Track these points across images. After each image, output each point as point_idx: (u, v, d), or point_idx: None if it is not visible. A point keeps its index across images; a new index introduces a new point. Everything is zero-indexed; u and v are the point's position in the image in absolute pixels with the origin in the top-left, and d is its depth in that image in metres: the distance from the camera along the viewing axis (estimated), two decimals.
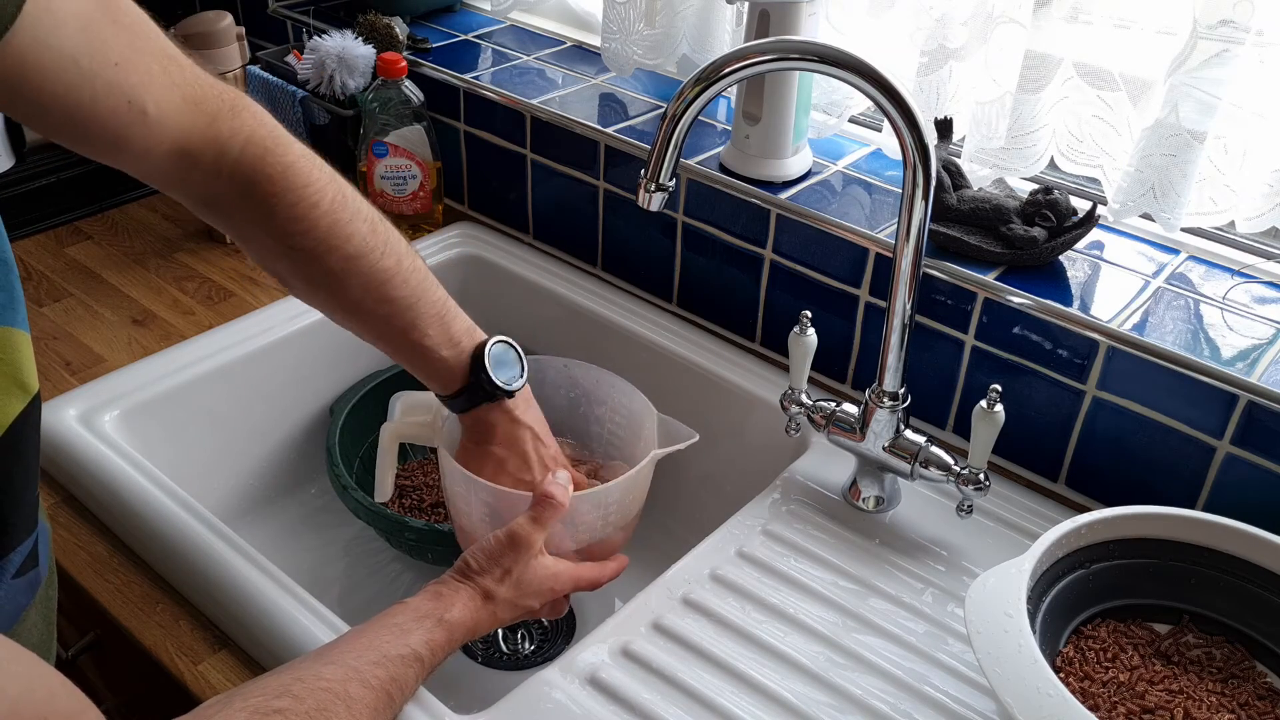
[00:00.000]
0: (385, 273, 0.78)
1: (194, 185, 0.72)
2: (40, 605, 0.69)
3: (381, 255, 0.78)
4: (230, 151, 0.71)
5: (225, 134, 0.71)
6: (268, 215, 0.74)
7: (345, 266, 0.76)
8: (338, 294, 0.78)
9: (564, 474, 0.80)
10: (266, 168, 0.73)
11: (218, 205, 0.74)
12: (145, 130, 0.66)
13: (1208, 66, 0.85)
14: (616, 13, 1.17)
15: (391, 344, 0.82)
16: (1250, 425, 0.83)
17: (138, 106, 0.65)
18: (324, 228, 0.75)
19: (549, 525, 0.77)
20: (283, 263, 0.78)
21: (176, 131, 0.68)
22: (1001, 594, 0.72)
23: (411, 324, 0.80)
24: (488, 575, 0.76)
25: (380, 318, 0.80)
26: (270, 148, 0.73)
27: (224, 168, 0.71)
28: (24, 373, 0.60)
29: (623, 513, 0.85)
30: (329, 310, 0.82)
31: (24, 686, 0.47)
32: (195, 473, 1.03)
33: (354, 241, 0.76)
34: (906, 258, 0.82)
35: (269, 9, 1.44)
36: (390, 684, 0.68)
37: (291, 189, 0.74)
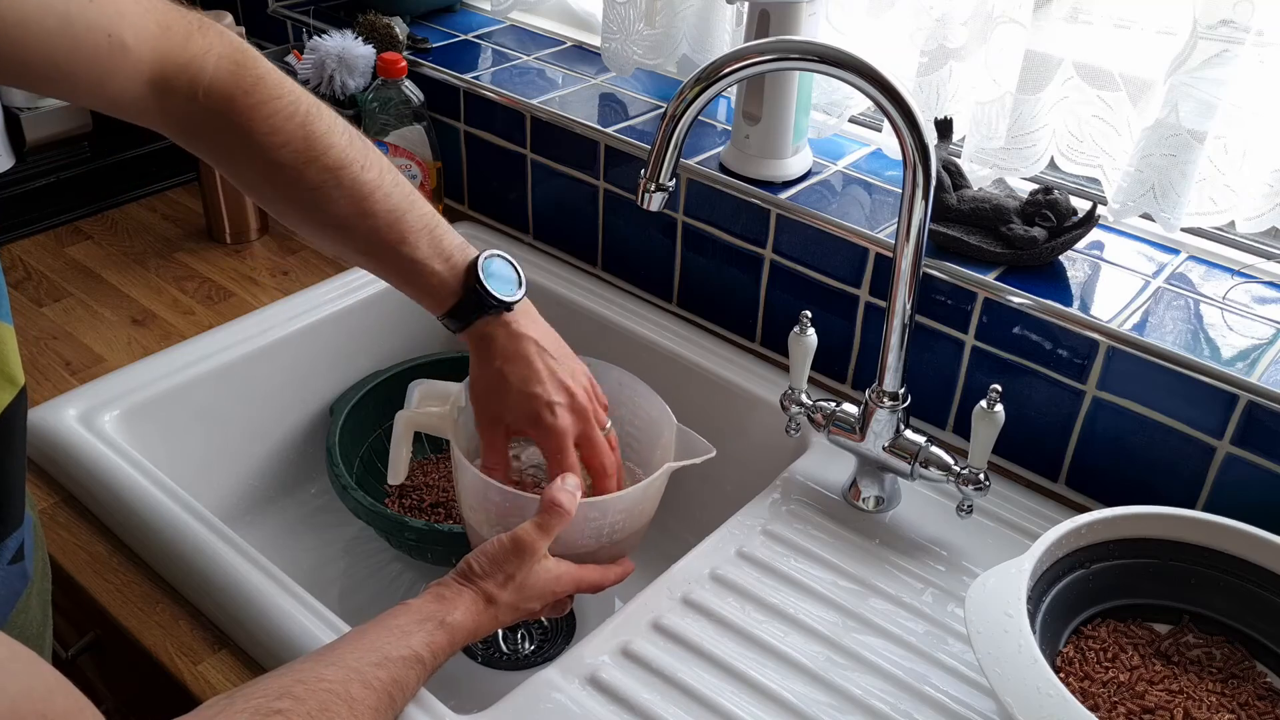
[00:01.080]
0: (368, 185, 0.78)
1: (173, 113, 0.72)
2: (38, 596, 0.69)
3: (363, 168, 0.78)
4: (204, 70, 0.71)
5: (198, 53, 0.71)
6: (246, 130, 0.73)
7: (327, 178, 0.76)
8: (323, 209, 0.77)
9: (573, 480, 0.79)
10: (240, 81, 0.73)
11: (198, 130, 0.74)
12: (126, 63, 0.67)
13: (1208, 66, 0.85)
14: (616, 13, 1.17)
15: (382, 261, 0.81)
16: (1250, 425, 0.83)
17: (117, 40, 0.66)
18: (301, 138, 0.75)
19: (554, 532, 0.77)
20: (266, 185, 0.77)
21: (153, 58, 0.68)
22: (1001, 594, 0.72)
23: (400, 238, 0.79)
24: (490, 580, 0.75)
25: (367, 232, 0.79)
26: (240, 61, 0.73)
27: (199, 88, 0.71)
28: (10, 365, 0.60)
29: (632, 521, 0.84)
30: (317, 229, 0.80)
31: (23, 685, 0.47)
32: (195, 473, 1.03)
33: (333, 152, 0.76)
34: (906, 258, 0.82)
35: (269, 9, 1.44)
36: (392, 685, 0.67)
37: (266, 100, 0.74)
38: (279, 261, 1.25)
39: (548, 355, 0.83)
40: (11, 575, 0.64)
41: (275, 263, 1.24)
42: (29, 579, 0.67)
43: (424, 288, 0.82)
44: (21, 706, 0.46)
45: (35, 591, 0.68)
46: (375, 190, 0.78)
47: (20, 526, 0.65)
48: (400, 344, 1.20)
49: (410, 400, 0.91)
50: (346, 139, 0.77)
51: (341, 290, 1.17)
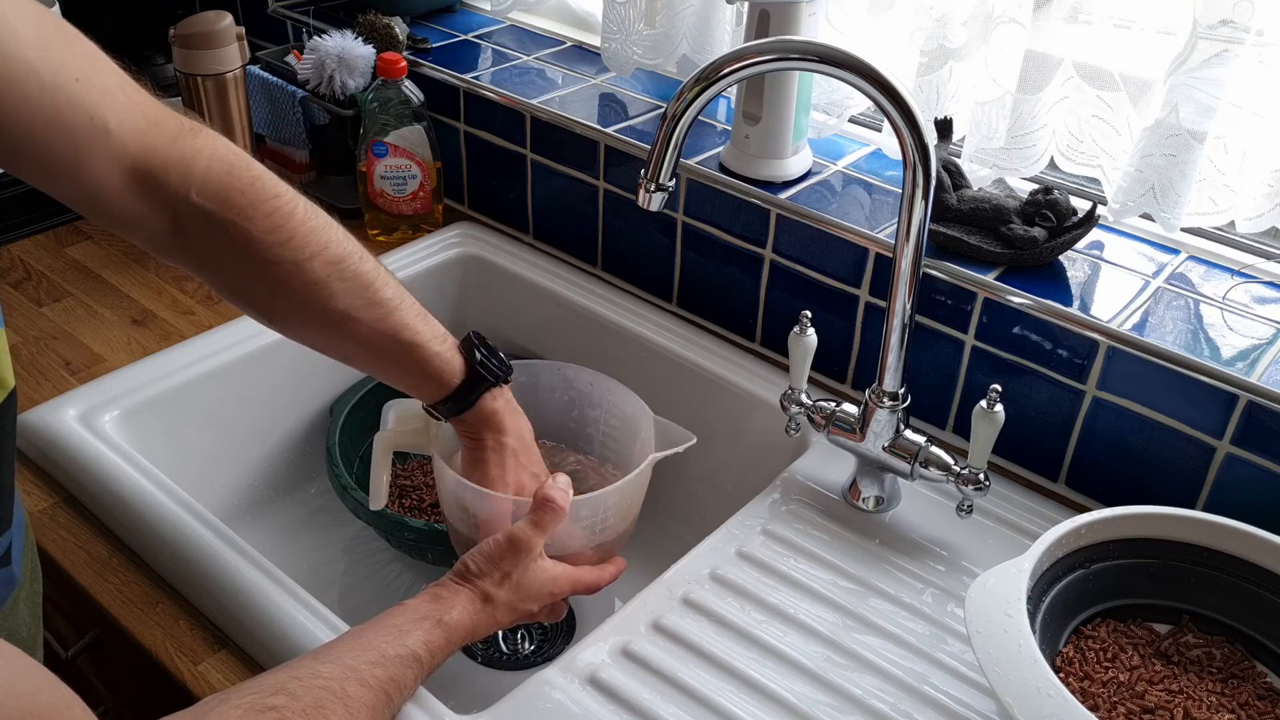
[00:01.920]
0: (369, 275, 0.77)
1: (160, 212, 0.70)
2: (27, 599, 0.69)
3: (361, 259, 0.77)
4: (196, 169, 0.69)
5: (188, 152, 0.69)
6: (244, 231, 0.71)
7: (330, 272, 0.75)
8: (325, 303, 0.76)
9: (564, 478, 0.80)
10: (235, 181, 0.71)
11: (187, 232, 0.71)
12: (107, 146, 0.65)
13: (1208, 66, 0.85)
14: (616, 13, 1.17)
15: (383, 351, 0.80)
16: (1250, 425, 0.83)
17: (100, 123, 0.64)
18: (303, 234, 0.73)
19: (549, 530, 0.77)
20: (261, 284, 0.75)
21: (139, 150, 0.66)
22: (1001, 594, 0.72)
23: (403, 324, 0.79)
24: (487, 578, 0.76)
25: (371, 322, 0.78)
26: (234, 162, 0.72)
27: (192, 186, 0.69)
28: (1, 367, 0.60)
29: (621, 516, 0.85)
30: (316, 325, 0.78)
31: (7, 680, 0.46)
32: (195, 473, 1.03)
33: (333, 247, 0.75)
34: (906, 258, 0.82)
35: (269, 9, 1.44)
36: (389, 684, 0.67)
37: (265, 199, 0.72)
38: None
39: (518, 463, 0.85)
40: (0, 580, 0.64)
41: None
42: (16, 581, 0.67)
43: (426, 372, 0.81)
44: (6, 702, 0.46)
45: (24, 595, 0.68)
46: (376, 279, 0.77)
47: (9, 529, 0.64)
48: None
49: (386, 422, 0.91)
50: (342, 233, 0.77)
51: None
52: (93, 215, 0.69)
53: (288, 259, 0.73)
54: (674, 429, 0.87)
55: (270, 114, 1.34)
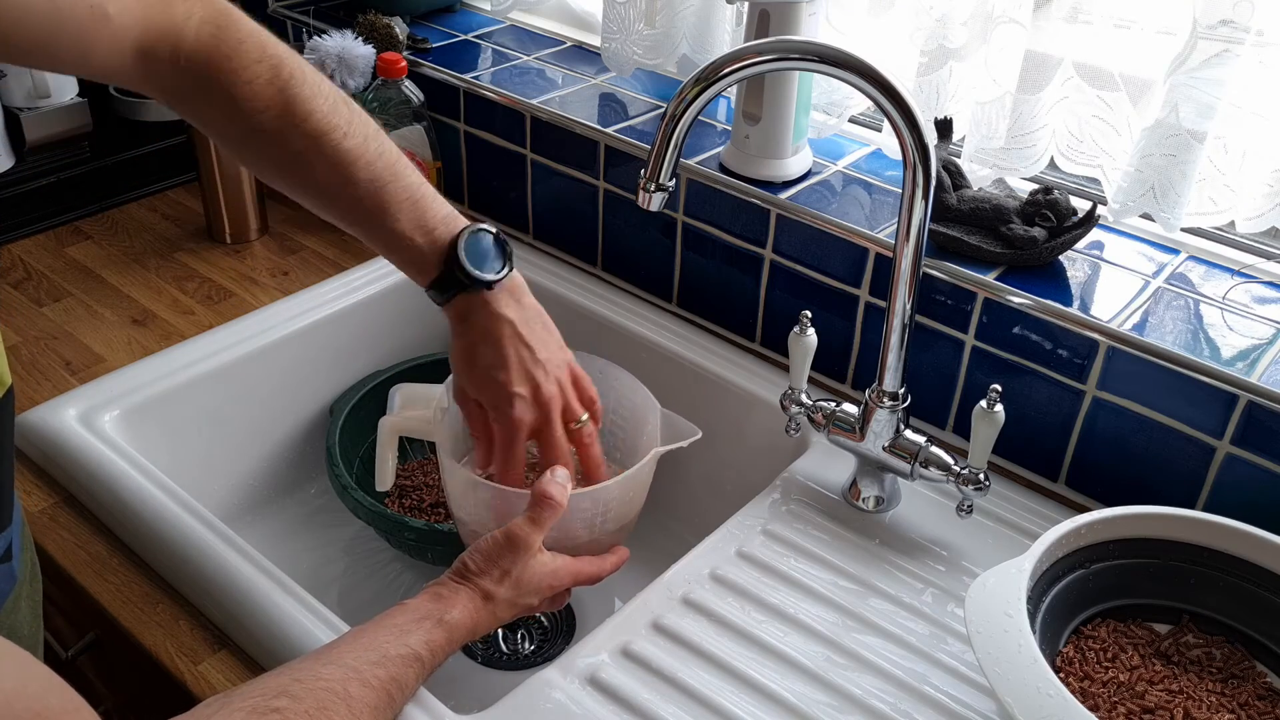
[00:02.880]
0: (349, 153, 0.77)
1: (157, 79, 0.72)
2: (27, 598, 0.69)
3: (344, 135, 0.77)
4: (186, 35, 0.71)
5: (179, 18, 0.71)
6: (227, 95, 0.73)
7: (306, 146, 0.76)
8: (304, 175, 0.77)
9: (562, 472, 0.79)
10: (221, 45, 0.73)
11: (181, 95, 0.74)
12: (108, 32, 0.67)
13: (1208, 66, 0.85)
14: (616, 13, 1.17)
15: (364, 229, 0.81)
16: (1250, 425, 0.83)
17: (99, 11, 0.66)
18: (281, 105, 0.75)
19: (547, 526, 0.77)
20: (248, 149, 0.77)
21: (136, 26, 0.69)
22: (1001, 594, 0.72)
23: (381, 207, 0.79)
24: (486, 576, 0.75)
25: (348, 200, 0.78)
26: (222, 24, 0.73)
27: (181, 55, 0.72)
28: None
29: (623, 509, 0.84)
30: (300, 194, 0.80)
31: (16, 683, 0.47)
32: (195, 473, 1.03)
33: (313, 119, 0.76)
34: (906, 258, 0.82)
35: (269, 9, 1.44)
36: (390, 684, 0.67)
37: (247, 65, 0.74)
38: (279, 261, 1.25)
39: (520, 342, 0.81)
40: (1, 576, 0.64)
41: (275, 263, 1.24)
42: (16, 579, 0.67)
43: (406, 259, 0.81)
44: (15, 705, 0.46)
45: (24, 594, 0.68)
46: (358, 159, 0.77)
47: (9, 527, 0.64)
48: (400, 344, 1.20)
49: (392, 405, 0.91)
50: (329, 105, 0.77)
51: (341, 290, 1.17)
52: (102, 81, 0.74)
53: (267, 126, 0.75)
54: (680, 422, 0.87)
55: None
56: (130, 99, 1.32)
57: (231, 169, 1.24)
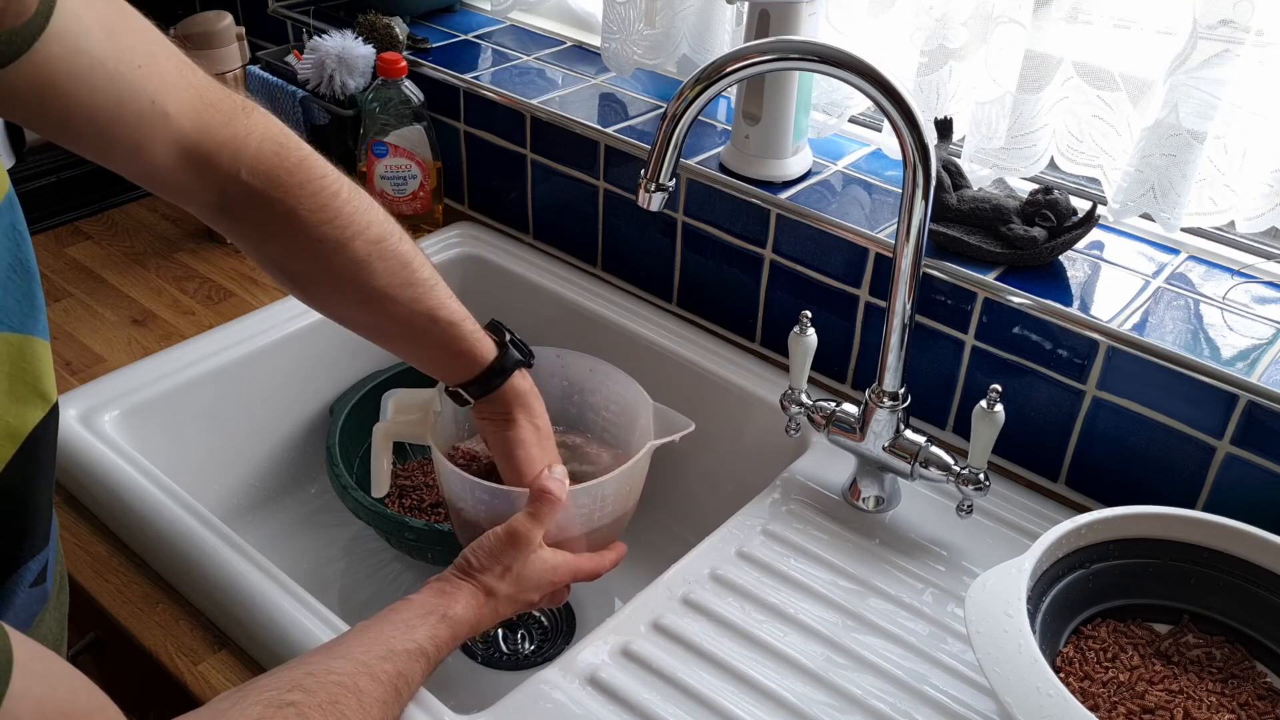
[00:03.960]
0: (407, 255, 0.79)
1: (211, 189, 0.73)
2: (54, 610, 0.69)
3: (400, 239, 0.79)
4: (247, 149, 0.72)
5: (241, 133, 0.72)
6: (290, 209, 0.74)
7: (371, 251, 0.77)
8: (365, 281, 0.78)
9: (560, 469, 0.81)
10: (284, 161, 0.73)
11: (235, 208, 0.74)
12: (166, 132, 0.67)
13: (1208, 66, 0.85)
14: (616, 13, 1.17)
15: (418, 329, 0.81)
16: (1250, 425, 0.83)
17: (160, 108, 0.66)
18: (347, 214, 0.76)
19: (547, 521, 0.78)
20: (303, 261, 0.77)
21: (195, 132, 0.69)
22: (1001, 594, 0.72)
23: (439, 303, 0.81)
24: (489, 573, 0.76)
25: (408, 300, 0.79)
26: (284, 143, 0.74)
27: (243, 166, 0.72)
28: (44, 382, 0.60)
29: (619, 503, 0.85)
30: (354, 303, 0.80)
31: (47, 686, 0.47)
32: (195, 473, 1.03)
33: (374, 227, 0.77)
34: (906, 258, 0.82)
35: (269, 9, 1.44)
36: (398, 678, 0.68)
37: (311, 179, 0.74)
38: None
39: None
40: (31, 598, 0.64)
41: None
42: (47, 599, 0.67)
43: (460, 351, 0.83)
44: (47, 707, 0.47)
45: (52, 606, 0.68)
46: (414, 259, 0.80)
47: (45, 548, 0.65)
48: None
49: (385, 412, 0.92)
50: (382, 215, 0.79)
51: None
52: (148, 187, 0.73)
53: (331, 237, 0.75)
54: (674, 416, 0.87)
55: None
56: None
57: None
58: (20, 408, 0.58)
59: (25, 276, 0.59)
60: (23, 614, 0.64)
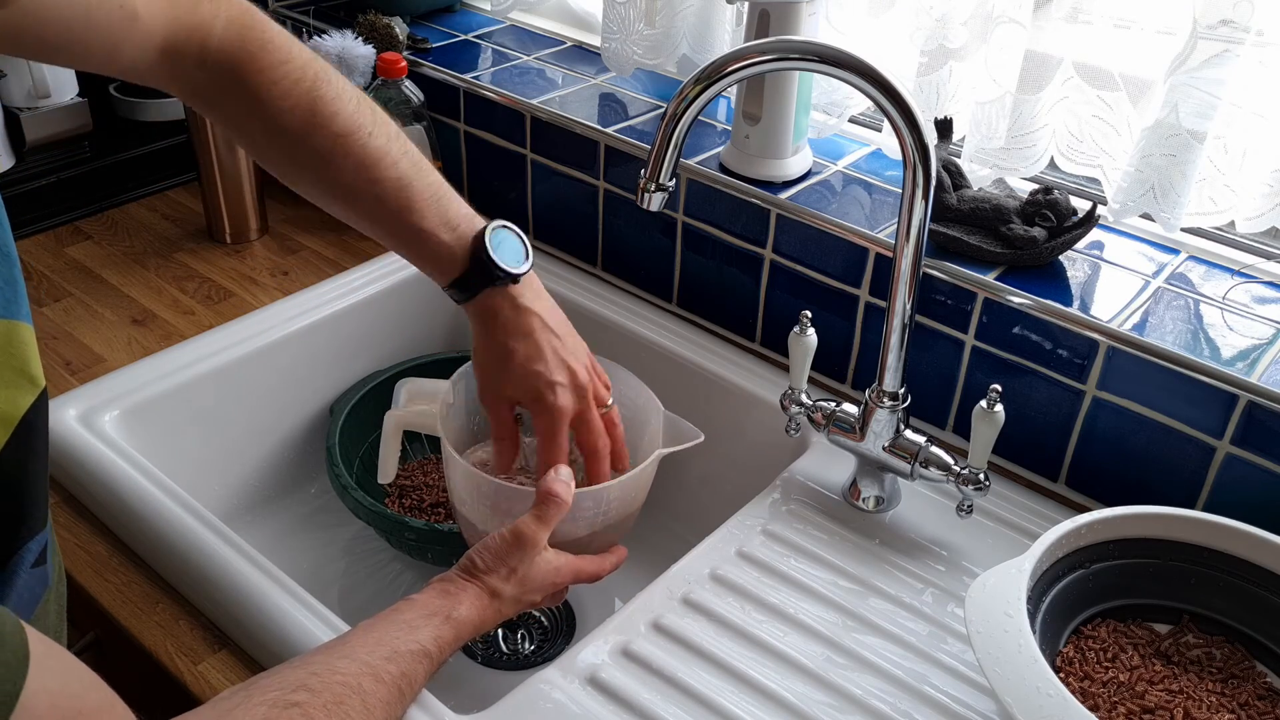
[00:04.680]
0: (376, 152, 0.78)
1: (183, 78, 0.74)
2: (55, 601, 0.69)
3: (369, 135, 0.78)
4: (212, 34, 0.72)
5: (206, 17, 0.72)
6: (253, 94, 0.74)
7: (332, 145, 0.76)
8: (329, 175, 0.78)
9: (565, 470, 0.80)
10: (247, 44, 0.74)
11: (207, 95, 0.75)
12: (137, 31, 0.68)
13: (1208, 66, 0.85)
14: (616, 13, 1.17)
15: (387, 228, 0.81)
16: (1250, 425, 0.83)
17: (129, 9, 0.67)
18: (308, 103, 0.75)
19: (553, 523, 0.78)
20: (273, 150, 0.78)
21: (164, 25, 0.70)
22: (1001, 594, 0.72)
23: (406, 205, 0.79)
24: (494, 574, 0.76)
25: (372, 199, 0.79)
26: (248, 24, 0.74)
27: (208, 55, 0.73)
28: (31, 365, 0.61)
29: (623, 509, 0.85)
30: (323, 195, 0.80)
31: (61, 682, 0.48)
32: (195, 473, 1.03)
33: (340, 119, 0.76)
34: (906, 258, 0.82)
35: (269, 9, 1.44)
36: (401, 679, 0.68)
37: (273, 64, 0.74)
38: (279, 261, 1.25)
39: (551, 333, 0.83)
40: (34, 579, 0.65)
41: (275, 263, 1.24)
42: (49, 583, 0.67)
43: (430, 257, 0.82)
44: (61, 703, 0.47)
45: (53, 596, 0.69)
46: (382, 158, 0.78)
47: (44, 530, 0.65)
48: (399, 344, 1.20)
49: (398, 400, 0.92)
50: (354, 105, 0.78)
51: (341, 290, 1.17)
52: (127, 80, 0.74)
53: (293, 127, 0.75)
54: (683, 425, 0.87)
55: None
56: (130, 99, 1.32)
57: (232, 169, 1.24)
58: (10, 392, 0.59)
59: (6, 261, 0.59)
60: (26, 595, 0.64)
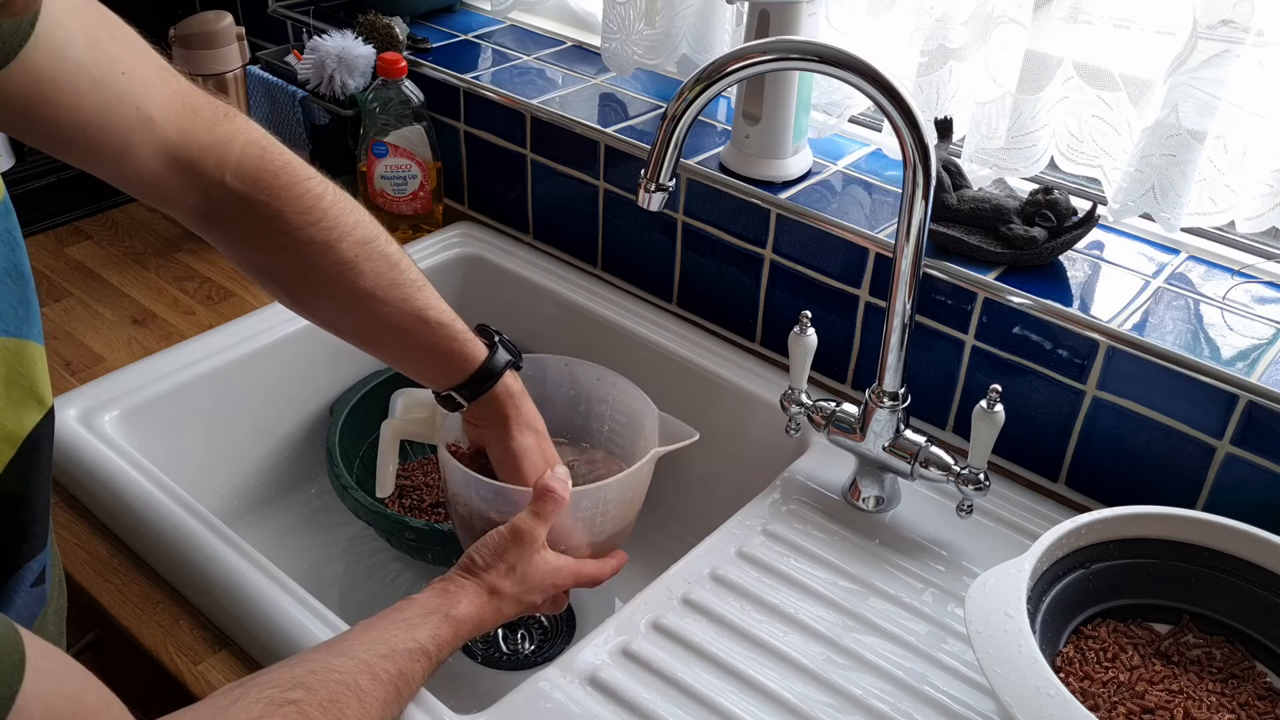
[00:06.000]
0: (394, 256, 0.79)
1: (196, 194, 0.73)
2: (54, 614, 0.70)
3: (387, 241, 0.79)
4: (231, 153, 0.72)
5: (225, 137, 0.72)
6: (276, 212, 0.74)
7: (358, 252, 0.77)
8: (354, 283, 0.78)
9: (562, 469, 0.81)
10: (268, 164, 0.74)
11: (220, 212, 0.74)
12: (152, 138, 0.68)
13: (1208, 66, 0.85)
14: (616, 13, 1.17)
15: (407, 331, 0.81)
16: (1250, 425, 0.83)
17: (144, 114, 0.67)
18: (333, 216, 0.76)
19: (551, 519, 0.78)
20: (291, 263, 0.77)
21: (179, 138, 0.69)
22: (1001, 594, 0.72)
23: (428, 303, 0.81)
24: (493, 571, 0.76)
25: (396, 301, 0.79)
26: (266, 147, 0.74)
27: (227, 170, 0.72)
28: (39, 385, 0.60)
29: (622, 510, 0.85)
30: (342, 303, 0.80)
31: (57, 683, 0.48)
32: (195, 473, 1.03)
33: (361, 229, 0.77)
34: (906, 258, 0.82)
35: (269, 9, 1.44)
36: (399, 678, 0.68)
37: (296, 181, 0.75)
38: None
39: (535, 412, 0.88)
40: (32, 598, 0.65)
41: None
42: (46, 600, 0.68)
43: (449, 352, 0.83)
44: (56, 706, 0.47)
45: (51, 610, 0.69)
46: (401, 260, 0.80)
47: (44, 550, 0.65)
48: None
49: (394, 410, 0.92)
50: (368, 216, 0.79)
51: None
52: (134, 193, 0.73)
53: (318, 239, 0.76)
54: (678, 425, 0.88)
55: (270, 114, 1.34)
56: None
57: None
58: (17, 411, 0.59)
59: (20, 281, 0.59)
60: (24, 614, 0.64)
